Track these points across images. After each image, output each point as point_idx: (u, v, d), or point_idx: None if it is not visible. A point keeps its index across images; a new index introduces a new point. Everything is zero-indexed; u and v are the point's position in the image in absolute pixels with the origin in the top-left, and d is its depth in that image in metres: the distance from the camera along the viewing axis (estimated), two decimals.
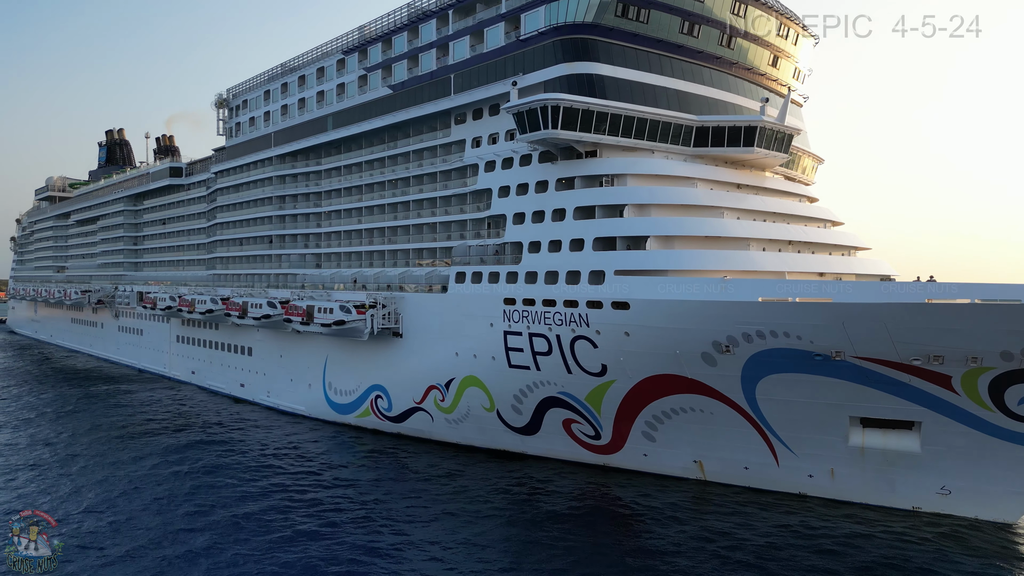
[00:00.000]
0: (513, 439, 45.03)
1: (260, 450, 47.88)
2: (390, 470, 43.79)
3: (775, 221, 43.74)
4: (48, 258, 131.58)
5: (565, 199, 40.80)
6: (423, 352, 48.06)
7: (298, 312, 54.48)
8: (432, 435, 49.02)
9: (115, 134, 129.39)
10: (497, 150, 45.29)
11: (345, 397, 54.76)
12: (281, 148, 65.42)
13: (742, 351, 34.26)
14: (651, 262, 36.93)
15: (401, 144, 53.68)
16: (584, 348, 38.62)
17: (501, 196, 44.79)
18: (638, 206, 39.29)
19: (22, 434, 53.06)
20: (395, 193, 54.52)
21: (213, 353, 73.06)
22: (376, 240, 56.28)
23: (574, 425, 42.17)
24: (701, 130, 42.47)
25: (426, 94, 49.60)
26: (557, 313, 39.21)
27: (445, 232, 49.97)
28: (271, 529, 33.39)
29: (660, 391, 37.84)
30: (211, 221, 77.93)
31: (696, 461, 39.58)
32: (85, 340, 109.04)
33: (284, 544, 31.64)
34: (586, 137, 39.36)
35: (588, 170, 40.70)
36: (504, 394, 43.55)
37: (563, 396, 41.29)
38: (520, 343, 41.39)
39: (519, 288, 41.62)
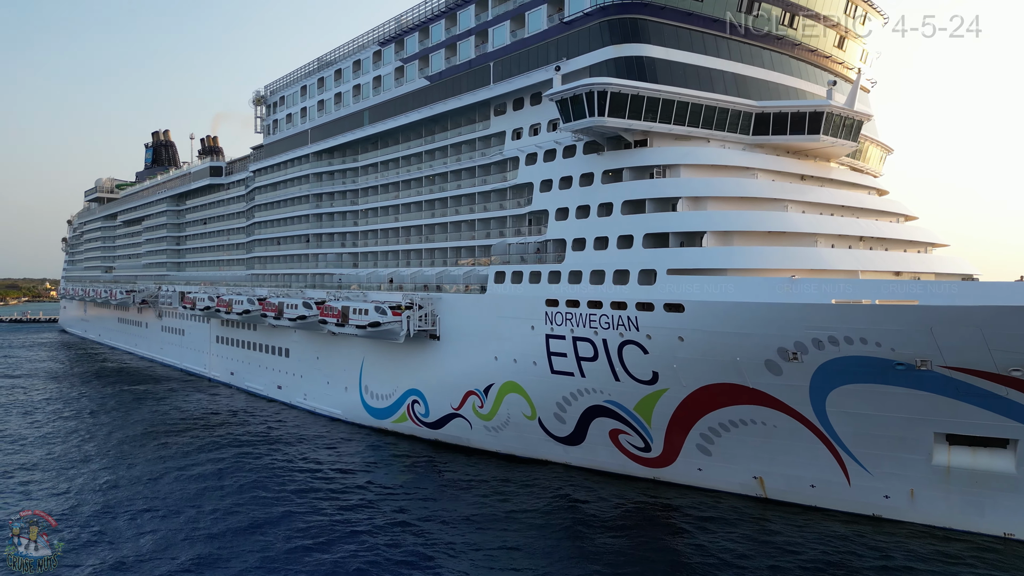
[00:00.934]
0: (556, 449, 42.29)
1: (295, 457, 46.11)
2: (428, 479, 41.57)
3: (843, 215, 40.01)
4: (97, 258, 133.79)
5: (612, 192, 37.82)
6: (461, 356, 45.65)
7: (333, 313, 52.68)
8: (471, 443, 46.61)
9: (161, 135, 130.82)
10: (539, 142, 42.55)
11: (381, 401, 52.75)
12: (317, 145, 63.91)
13: (811, 359, 30.85)
14: (708, 260, 33.73)
15: (438, 138, 51.40)
16: (633, 354, 35.63)
17: (543, 191, 42.03)
18: (693, 199, 36.09)
19: (56, 433, 52.51)
20: (432, 189, 52.28)
21: (251, 354, 72.10)
22: (413, 239, 54.16)
23: (622, 436, 39.20)
24: (761, 117, 39.02)
25: (464, 84, 47.15)
26: (603, 316, 36.30)
27: (484, 230, 47.48)
28: (307, 535, 32.21)
29: (717, 401, 34.63)
30: (250, 220, 77.12)
31: (756, 477, 36.22)
32: (131, 340, 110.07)
33: (320, 552, 30.49)
34: (635, 125, 36.32)
35: (637, 161, 37.63)
36: (546, 402, 40.85)
37: (610, 405, 38.36)
38: (563, 348, 38.61)
39: (562, 289, 38.83)
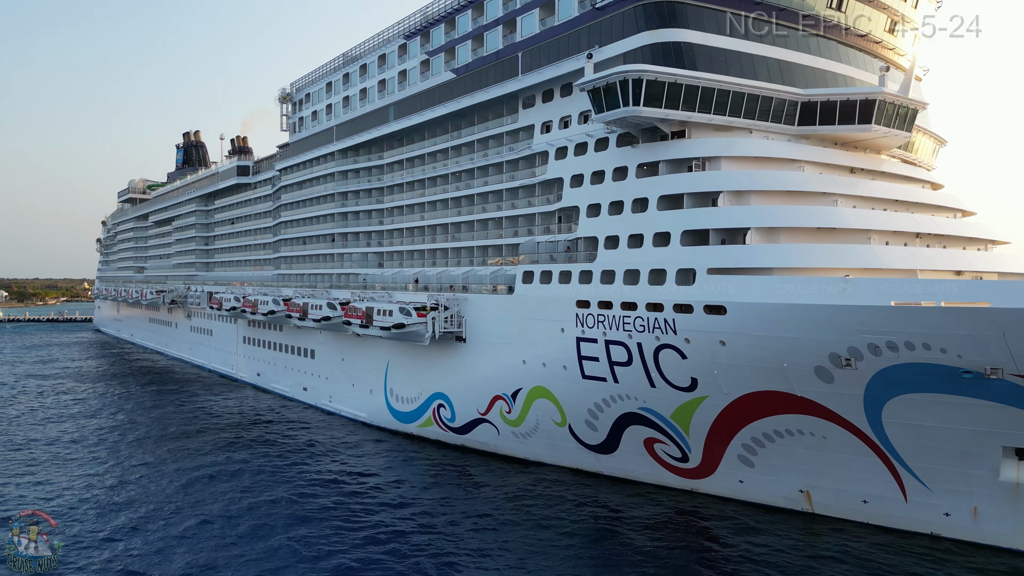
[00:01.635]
0: (587, 457, 40.25)
1: (320, 462, 44.75)
2: (455, 487, 39.90)
3: (896, 210, 37.31)
4: (129, 259, 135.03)
5: (648, 187, 35.66)
6: (488, 359, 43.84)
7: (357, 314, 51.28)
8: (498, 449, 44.79)
9: (191, 136, 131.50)
10: (569, 135, 40.53)
11: (407, 405, 51.21)
12: (342, 142, 62.72)
13: (867, 366, 28.38)
14: (752, 258, 31.40)
15: (465, 133, 49.68)
16: (671, 359, 33.44)
17: (574, 186, 40.02)
18: (735, 193, 33.77)
19: (81, 436, 51.95)
20: (458, 186, 50.59)
21: (277, 355, 71.26)
22: (439, 237, 52.53)
23: (657, 445, 37.03)
24: (808, 105, 36.51)
25: (491, 76, 45.33)
26: (638, 318, 34.16)
27: (512, 228, 45.62)
28: (331, 543, 31.33)
29: (762, 410, 32.28)
30: (276, 220, 76.38)
31: (803, 491, 33.77)
32: (161, 340, 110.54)
33: (343, 559, 29.62)
34: (673, 115, 34.11)
35: (675, 153, 35.42)
36: (577, 408, 38.84)
37: (645, 412, 36.21)
38: (595, 351, 36.56)
39: (594, 289, 36.77)
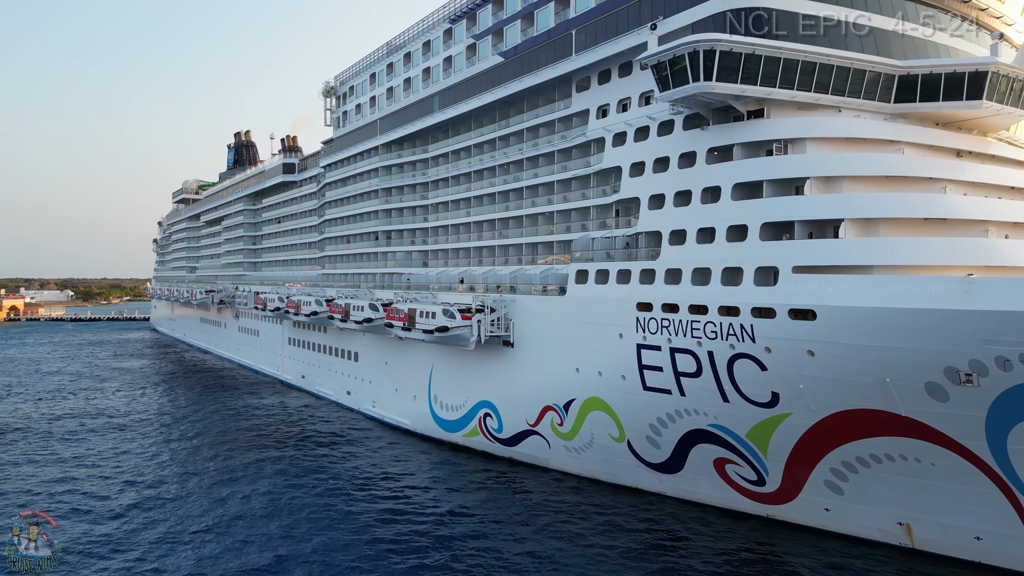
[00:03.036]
0: (647, 476, 36.26)
1: (362, 473, 41.88)
2: (503, 502, 36.63)
3: (1012, 198, 32.14)
4: (182, 259, 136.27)
5: (720, 174, 31.44)
6: (537, 366, 40.23)
7: (399, 316, 48.33)
8: (549, 463, 41.15)
9: (242, 136, 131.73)
10: (629, 118, 36.55)
11: (452, 413, 48.00)
12: (386, 136, 60.04)
13: (992, 383, 23.72)
14: (847, 254, 26.97)
15: (513, 121, 46.15)
16: (748, 370, 29.23)
17: (633, 175, 36.03)
18: (824, 179, 29.29)
19: (120, 440, 50.51)
20: (506, 179, 47.11)
21: (321, 357, 69.18)
22: (485, 234, 49.16)
23: (729, 466, 32.79)
24: (906, 80, 31.63)
25: (542, 58, 41.64)
26: (709, 323, 30.04)
27: (564, 223, 41.90)
28: (377, 562, 29.27)
29: (857, 431, 27.81)
30: (321, 218, 74.45)
31: (902, 524, 29.12)
32: (211, 339, 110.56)
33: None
34: (750, 91, 29.81)
35: (752, 135, 31.07)
36: (637, 422, 34.90)
37: (715, 430, 32.03)
38: (658, 360, 32.55)
39: (657, 290, 32.76)
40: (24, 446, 48.57)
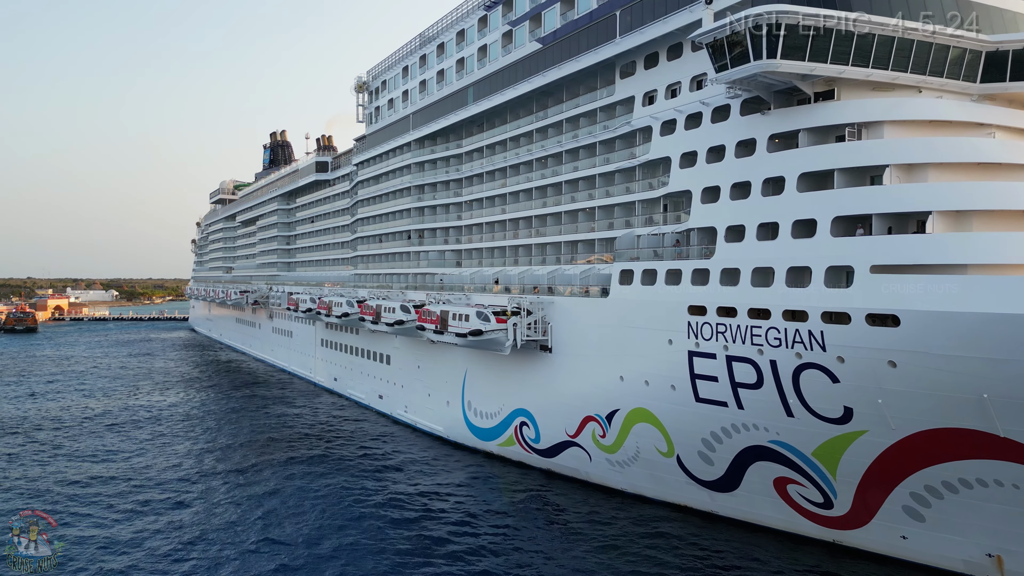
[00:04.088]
0: (698, 494, 33.28)
1: (393, 485, 39.69)
2: (542, 521, 34.05)
3: None
4: (219, 259, 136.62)
5: (784, 162, 28.30)
6: (578, 373, 37.49)
7: (431, 319, 46.01)
8: (590, 477, 38.42)
9: (278, 136, 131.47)
10: (678, 104, 33.57)
11: (486, 420, 45.53)
12: (419, 131, 57.88)
13: None
14: (937, 252, 23.68)
15: (552, 112, 43.45)
16: (816, 382, 26.12)
17: (684, 166, 33.05)
18: (905, 167, 25.97)
19: (149, 442, 49.30)
20: (544, 174, 44.47)
21: (353, 359, 67.41)
22: (522, 233, 46.56)
23: (791, 487, 29.65)
24: (995, 56, 28.13)
25: (583, 42, 38.83)
26: (772, 329, 26.98)
27: (606, 219, 39.08)
28: None
29: (945, 452, 24.54)
30: (353, 217, 72.77)
31: (992, 556, 25.71)
32: (246, 340, 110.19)
33: None
34: (820, 69, 26.63)
35: (821, 119, 27.86)
36: (688, 436, 31.98)
37: (777, 447, 28.94)
38: (713, 369, 29.57)
39: (711, 292, 29.78)
40: (47, 446, 47.73)
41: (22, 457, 45.90)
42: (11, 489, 39.14)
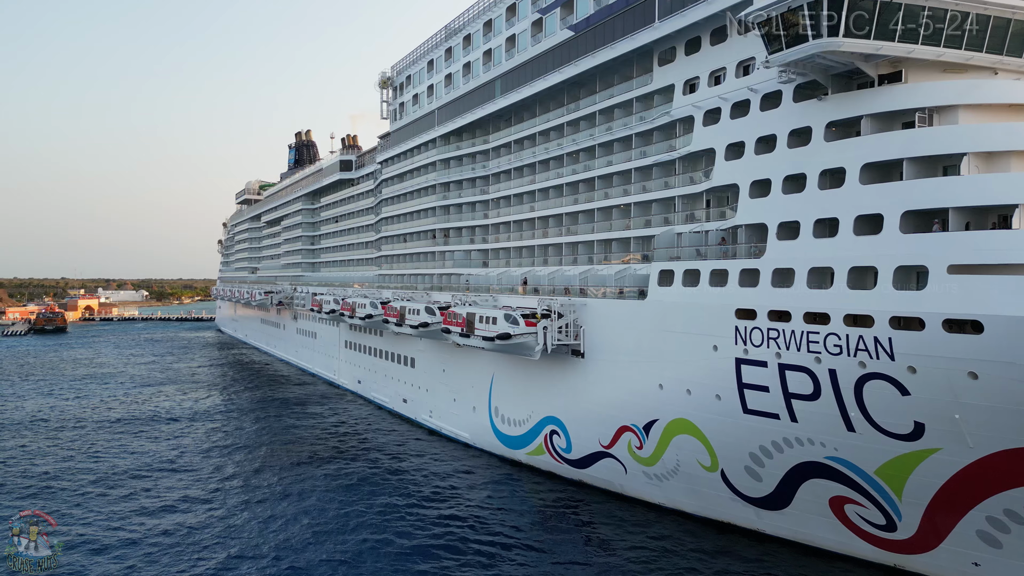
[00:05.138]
0: (743, 511, 30.90)
1: (416, 492, 37.86)
2: (574, 536, 31.99)
3: None
4: (244, 259, 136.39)
5: (844, 152, 25.81)
6: (613, 380, 35.26)
7: (457, 321, 44.06)
8: (624, 490, 36.18)
9: (303, 136, 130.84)
10: (724, 92, 31.15)
11: (514, 428, 43.47)
12: (444, 127, 56.04)
13: None
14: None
15: (584, 103, 41.24)
16: (883, 394, 23.65)
17: (730, 158, 30.66)
18: (984, 156, 23.37)
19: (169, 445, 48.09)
20: (575, 169, 42.28)
21: (377, 362, 65.78)
22: (551, 231, 44.43)
23: (849, 507, 27.17)
24: None
25: (619, 28, 36.56)
26: (832, 335, 24.54)
27: (642, 216, 36.78)
28: None
29: None
30: (378, 216, 71.21)
31: None
32: (271, 341, 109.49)
33: None
34: (887, 49, 24.14)
35: (886, 103, 25.31)
36: (734, 450, 29.63)
37: (835, 463, 26.49)
38: (763, 378, 27.19)
39: (762, 294, 27.39)
40: (68, 448, 46.71)
41: (43, 454, 45.49)
42: (29, 487, 38.84)
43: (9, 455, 45.96)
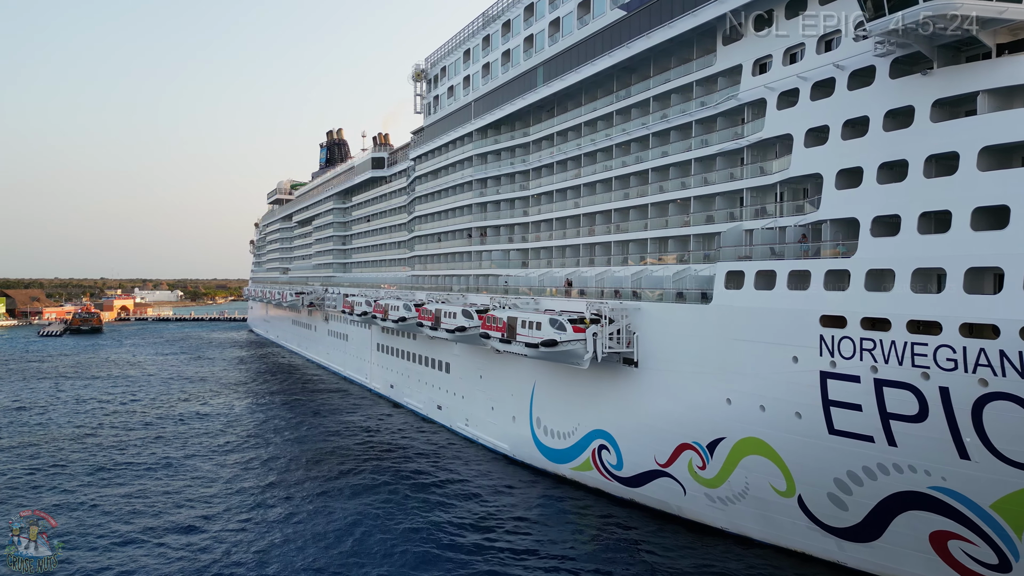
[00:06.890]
0: (822, 541, 27.48)
1: (451, 510, 34.99)
2: (628, 565, 28.76)
3: None
4: (276, 260, 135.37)
5: (957, 134, 22.25)
6: (670, 393, 31.98)
7: (497, 326, 41.15)
8: (682, 512, 32.89)
9: (334, 134, 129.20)
10: (802, 70, 27.68)
11: (558, 441, 40.40)
12: (482, 119, 53.15)
13: None
14: None
15: (635, 90, 38.00)
16: (1007, 417, 20.14)
17: (811, 144, 27.21)
18: None
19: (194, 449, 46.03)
20: (625, 162, 39.05)
21: (410, 366, 63.22)
22: (599, 229, 41.25)
23: (954, 542, 23.60)
24: None
25: (678, 5, 33.23)
26: (944, 347, 21.04)
27: (703, 210, 33.44)
28: None
29: None
30: (411, 215, 68.67)
31: None
32: (302, 342, 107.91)
33: None
34: (1013, 11, 20.59)
35: (1008, 77, 21.67)
36: (816, 475, 26.23)
37: (940, 495, 22.95)
38: (855, 395, 23.75)
39: (853, 299, 23.95)
40: (95, 454, 44.94)
41: (71, 459, 44.46)
42: (55, 487, 38.41)
43: (40, 461, 44.40)
